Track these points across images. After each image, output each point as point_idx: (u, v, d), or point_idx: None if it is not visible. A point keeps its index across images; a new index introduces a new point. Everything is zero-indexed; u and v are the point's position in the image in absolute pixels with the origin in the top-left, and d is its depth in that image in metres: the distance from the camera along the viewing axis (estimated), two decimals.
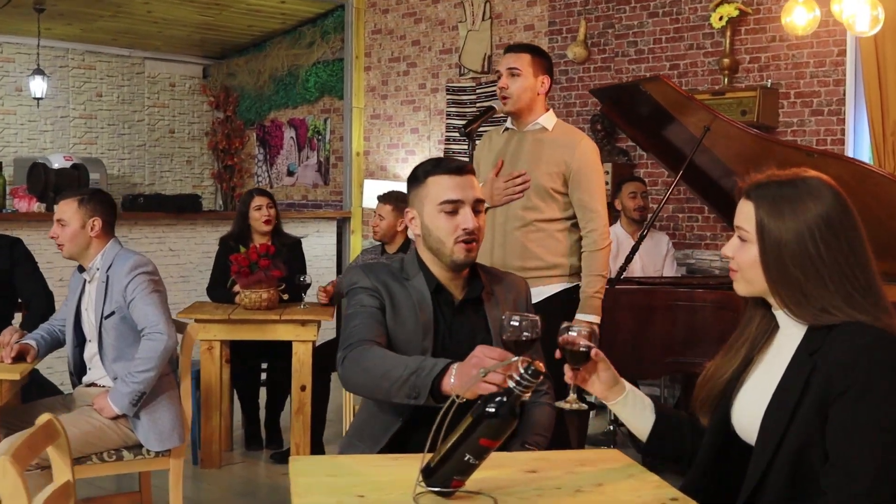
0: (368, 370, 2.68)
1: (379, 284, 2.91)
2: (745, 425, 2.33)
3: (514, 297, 3.06)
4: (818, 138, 6.68)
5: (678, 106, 5.17)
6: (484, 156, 4.66)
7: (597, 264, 4.28)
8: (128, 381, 3.97)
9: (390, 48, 9.46)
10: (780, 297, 2.25)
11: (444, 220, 2.86)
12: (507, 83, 4.37)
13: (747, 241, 2.29)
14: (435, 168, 2.91)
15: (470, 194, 2.87)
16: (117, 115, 10.68)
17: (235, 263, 5.85)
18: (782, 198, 2.25)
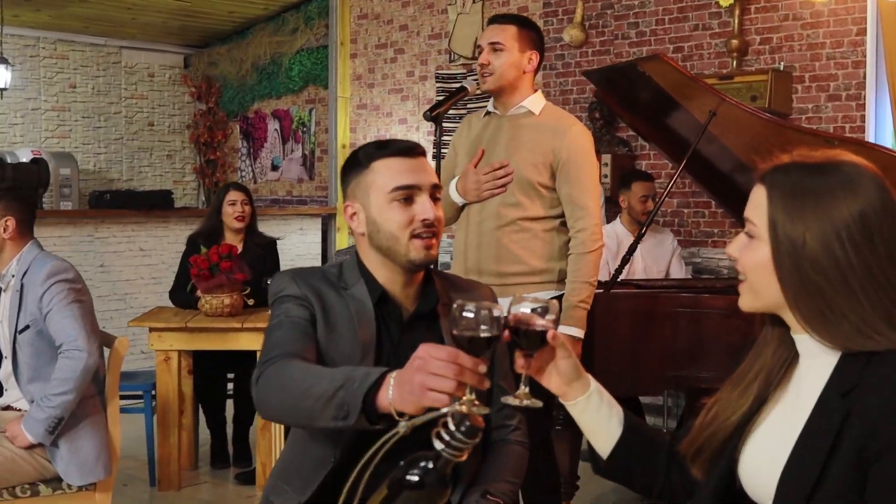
0: (286, 388, 2.13)
1: (310, 293, 2.39)
2: (757, 485, 1.80)
3: None
4: (835, 126, 6.15)
5: (680, 88, 4.62)
6: (462, 143, 4.13)
7: (584, 269, 3.75)
8: (43, 405, 3.45)
9: (377, 33, 8.94)
10: (800, 313, 1.72)
11: (396, 210, 2.34)
12: (489, 59, 3.84)
13: (756, 238, 1.77)
14: (381, 150, 2.39)
15: (426, 178, 2.36)
16: (92, 107, 10.15)
17: (195, 266, 5.36)
18: (806, 189, 1.72)
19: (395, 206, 2.33)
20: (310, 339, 2.30)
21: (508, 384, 2.53)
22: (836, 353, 1.71)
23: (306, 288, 2.39)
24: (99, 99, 10.23)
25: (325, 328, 2.34)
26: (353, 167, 2.42)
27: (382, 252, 2.37)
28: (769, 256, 1.73)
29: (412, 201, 2.34)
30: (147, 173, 10.54)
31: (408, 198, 2.33)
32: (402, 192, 2.33)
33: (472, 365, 1.74)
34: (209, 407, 5.87)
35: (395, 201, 2.33)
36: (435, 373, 1.74)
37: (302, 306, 2.36)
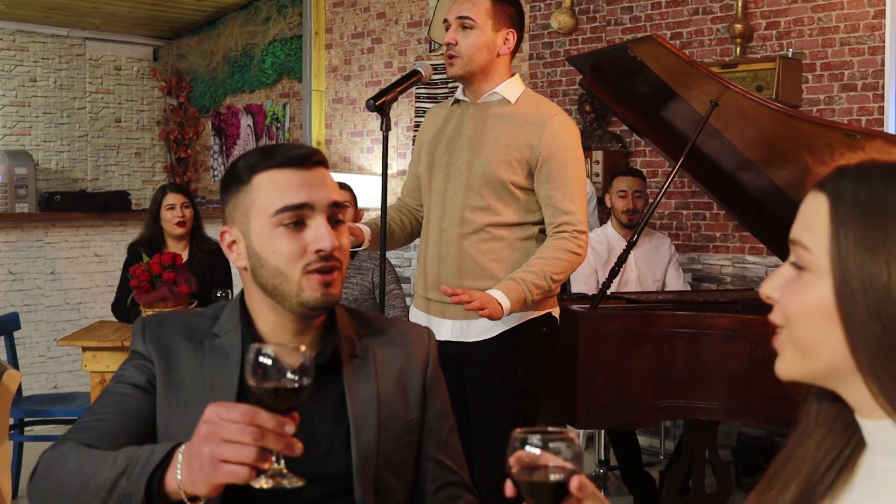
0: (61, 484, 1.60)
1: (155, 349, 1.84)
2: None
3: (403, 365, 1.95)
4: (850, 118, 5.58)
5: (677, 74, 4.05)
6: (424, 139, 3.56)
7: (556, 264, 3.17)
8: None
9: (353, 22, 8.34)
10: (880, 385, 1.16)
11: (283, 239, 1.77)
12: (456, 37, 3.27)
13: (809, 272, 1.20)
14: (264, 160, 1.81)
15: (322, 195, 1.78)
16: (54, 102, 9.55)
17: (134, 277, 4.80)
18: (888, 208, 1.16)
19: (281, 234, 1.77)
20: (130, 421, 1.75)
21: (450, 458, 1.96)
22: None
23: (153, 342, 1.84)
24: (61, 94, 9.64)
25: (166, 396, 1.80)
26: (230, 182, 1.84)
27: (268, 292, 1.80)
28: (831, 299, 1.16)
29: (304, 226, 1.77)
30: (114, 172, 9.95)
31: (298, 221, 1.77)
32: (290, 213, 1.76)
33: (275, 425, 1.40)
34: None
35: (282, 226, 1.76)
36: (228, 439, 1.38)
37: (140, 369, 1.82)
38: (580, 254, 3.19)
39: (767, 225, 4.78)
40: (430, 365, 1.98)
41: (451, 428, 2.00)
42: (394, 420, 1.87)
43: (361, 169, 8.16)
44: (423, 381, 1.95)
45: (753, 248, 5.93)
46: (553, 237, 3.20)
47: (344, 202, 1.83)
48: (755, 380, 3.69)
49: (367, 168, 8.13)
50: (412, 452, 1.91)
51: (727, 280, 6.03)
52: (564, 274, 3.21)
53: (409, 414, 1.91)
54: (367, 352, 1.90)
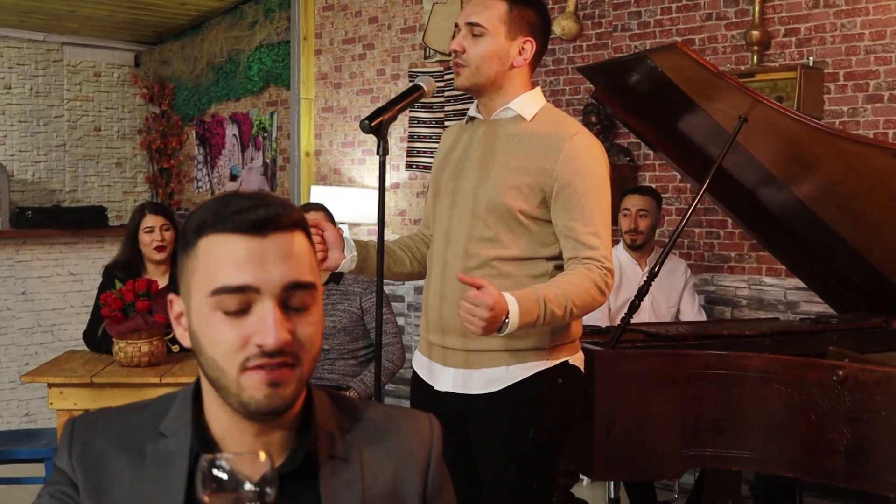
0: None
1: (82, 467, 1.48)
2: None
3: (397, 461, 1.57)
4: (876, 131, 5.27)
5: (703, 87, 3.69)
6: (437, 164, 3.16)
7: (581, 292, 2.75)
8: None
9: (344, 27, 7.99)
10: None
11: (220, 325, 1.39)
12: (464, 44, 2.89)
13: None
14: (214, 218, 1.43)
15: (276, 275, 1.40)
16: (30, 110, 9.15)
17: (106, 305, 4.43)
18: None
19: (219, 319, 1.40)
20: None
21: None
22: None
23: (79, 457, 1.49)
24: (38, 101, 9.25)
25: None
26: (180, 240, 1.46)
27: (212, 384, 1.42)
28: None
29: (248, 312, 1.38)
30: (93, 183, 9.56)
31: (242, 308, 1.38)
32: (230, 297, 1.38)
33: None
34: None
35: (219, 311, 1.38)
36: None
37: (57, 499, 1.45)
38: (605, 294, 2.80)
39: (788, 244, 4.46)
40: (431, 467, 1.60)
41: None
42: None
43: (352, 181, 7.80)
44: (424, 488, 1.57)
45: (771, 269, 5.59)
46: (580, 264, 2.81)
47: (309, 282, 1.43)
48: (792, 427, 3.33)
49: (357, 180, 7.77)
50: None
51: (742, 303, 5.68)
52: (584, 311, 2.82)
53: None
54: (352, 451, 1.52)
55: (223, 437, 1.45)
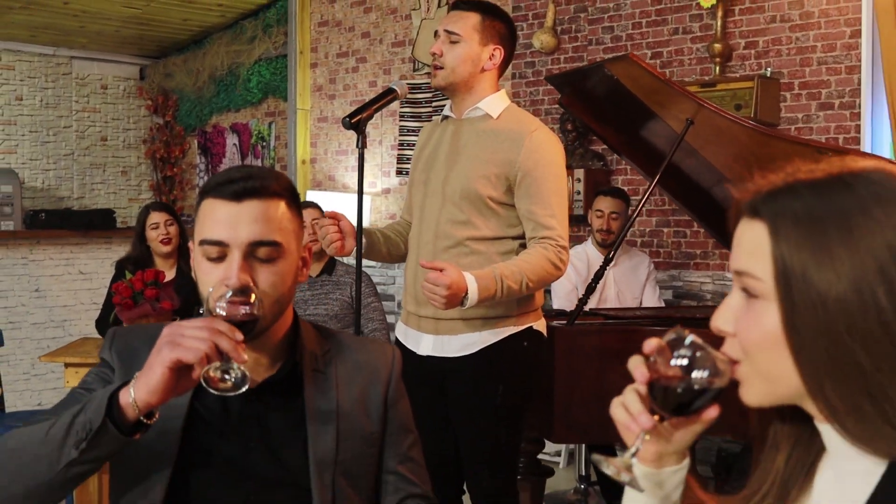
0: (15, 452, 1.68)
1: (118, 356, 1.92)
2: None
3: (365, 379, 1.99)
4: (828, 136, 5.64)
5: (654, 93, 4.11)
6: (415, 157, 3.60)
7: (535, 268, 3.18)
8: None
9: (338, 42, 8.40)
10: (826, 403, 1.18)
11: (204, 267, 1.83)
12: (442, 49, 3.32)
13: (759, 299, 1.21)
14: (211, 184, 1.86)
15: (243, 234, 1.80)
16: (41, 120, 9.57)
17: (117, 293, 4.83)
18: (828, 215, 1.17)
19: (203, 264, 1.82)
20: None
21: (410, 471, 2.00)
22: (885, 461, 1.17)
23: (117, 349, 1.92)
24: (48, 112, 9.67)
25: None
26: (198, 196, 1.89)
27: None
28: (780, 326, 1.18)
29: (223, 260, 1.80)
30: (100, 191, 9.97)
31: (218, 256, 1.80)
32: (209, 247, 1.80)
33: (227, 329, 1.61)
34: None
35: (205, 258, 1.81)
36: (187, 336, 1.60)
37: (100, 376, 1.89)
38: (560, 269, 3.22)
39: None
40: (392, 381, 2.02)
41: (412, 442, 2.04)
42: (353, 432, 1.91)
43: (346, 187, 8.20)
44: (385, 396, 1.99)
45: None
46: (537, 244, 3.23)
47: (273, 241, 1.81)
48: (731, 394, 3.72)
49: (351, 186, 8.17)
50: (372, 464, 1.95)
51: (707, 297, 6.08)
52: (540, 284, 3.23)
53: (369, 426, 1.95)
54: (330, 366, 1.95)
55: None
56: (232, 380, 1.61)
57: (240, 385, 1.61)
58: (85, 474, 1.68)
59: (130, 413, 1.61)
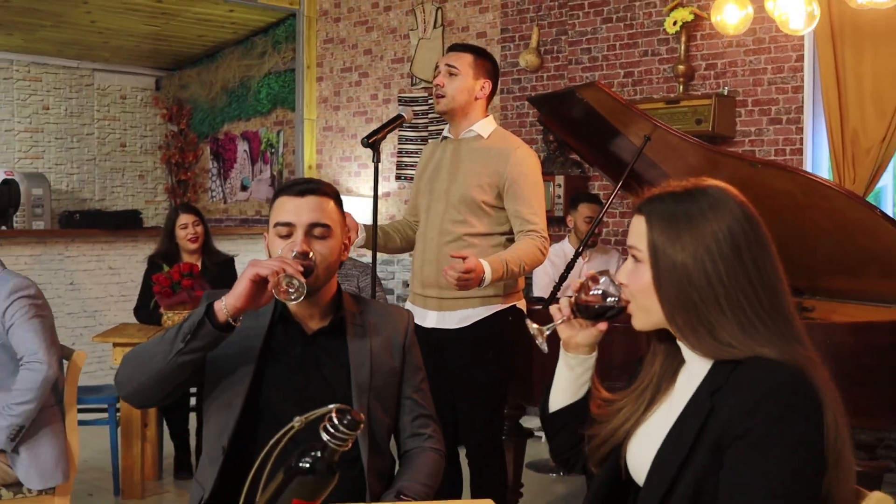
0: (139, 353, 2.48)
1: None
2: (638, 466, 2.03)
3: (388, 330, 2.77)
4: (777, 147, 6.41)
5: (616, 114, 4.86)
6: (419, 169, 4.39)
7: (528, 254, 3.96)
8: (5, 414, 3.64)
9: (342, 58, 9.18)
10: (677, 327, 1.93)
11: (277, 244, 2.58)
12: (444, 81, 4.10)
13: (641, 263, 1.98)
14: (282, 188, 2.65)
15: (305, 217, 2.57)
16: (65, 128, 10.35)
17: (157, 283, 5.61)
18: (679, 213, 1.94)
19: (276, 240, 2.58)
20: None
21: (421, 398, 2.77)
22: (710, 361, 1.94)
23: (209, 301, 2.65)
24: (72, 120, 10.42)
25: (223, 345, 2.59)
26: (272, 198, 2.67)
27: None
28: (651, 279, 1.95)
29: (291, 237, 2.55)
30: (119, 193, 10.73)
31: (287, 234, 2.56)
32: (281, 227, 2.56)
33: (292, 262, 2.35)
34: (173, 420, 6.10)
35: (278, 236, 2.57)
36: (264, 263, 2.34)
37: None
38: (544, 254, 4.01)
39: None
40: (408, 333, 2.80)
41: (422, 378, 2.81)
42: (381, 367, 2.68)
43: (350, 191, 8.95)
44: (403, 344, 2.77)
45: None
46: (525, 236, 4.01)
47: (324, 223, 2.57)
48: None
49: (354, 190, 8.93)
50: (394, 391, 2.72)
51: None
52: (531, 266, 4.00)
53: (392, 364, 2.73)
54: (365, 321, 2.73)
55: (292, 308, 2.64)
56: (294, 291, 2.30)
57: (298, 296, 2.30)
58: (188, 364, 2.41)
59: (221, 315, 2.33)
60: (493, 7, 7.96)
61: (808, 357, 1.89)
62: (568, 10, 7.43)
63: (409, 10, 8.58)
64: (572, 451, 2.28)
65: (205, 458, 2.60)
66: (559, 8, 7.51)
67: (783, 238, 4.86)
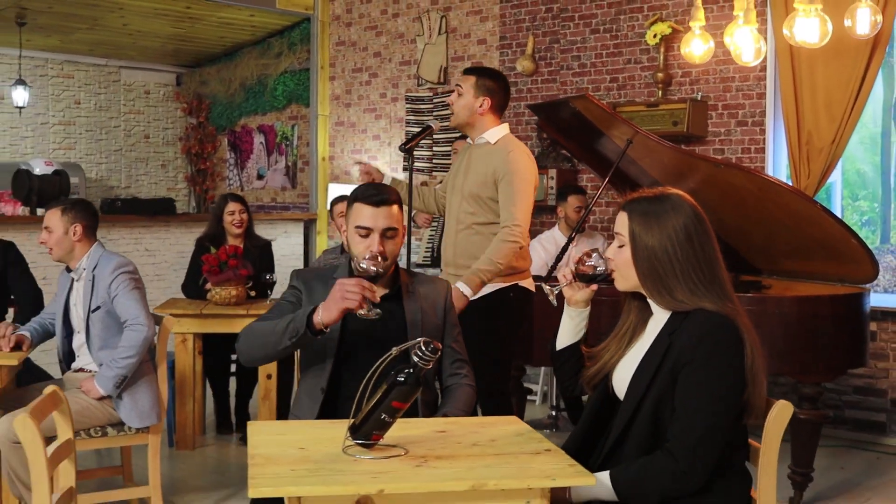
0: (256, 332, 3.38)
1: (301, 284, 3.56)
2: (620, 385, 2.91)
3: (433, 296, 3.63)
4: (743, 146, 7.27)
5: (603, 121, 5.73)
6: (451, 168, 5.18)
7: (494, 251, 4.68)
8: (112, 366, 4.51)
9: (353, 59, 9.98)
10: (647, 289, 2.83)
11: (357, 241, 3.43)
12: (453, 100, 4.88)
13: (623, 245, 2.88)
14: (360, 195, 3.47)
15: (381, 223, 3.41)
16: (95, 121, 11.18)
17: (207, 263, 6.39)
18: (651, 211, 2.84)
19: (356, 237, 3.43)
20: (284, 313, 3.42)
21: (458, 347, 3.65)
22: (668, 312, 2.85)
23: (300, 281, 3.57)
24: (100, 114, 11.25)
25: (307, 302, 3.47)
26: (349, 199, 3.53)
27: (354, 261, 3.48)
28: (630, 256, 2.85)
29: (368, 237, 3.42)
30: (143, 181, 11.55)
31: (366, 235, 3.42)
32: (362, 229, 3.42)
33: (368, 286, 3.13)
34: (216, 383, 6.93)
35: (357, 234, 3.43)
36: (348, 289, 3.11)
37: (292, 292, 3.57)
38: (515, 241, 4.70)
39: None
40: (447, 298, 3.68)
41: (458, 332, 3.69)
42: (428, 323, 3.55)
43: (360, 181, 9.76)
44: (444, 306, 3.65)
45: None
46: (502, 230, 4.74)
47: (394, 227, 3.43)
48: None
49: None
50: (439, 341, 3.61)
51: None
52: (507, 257, 4.72)
53: (437, 321, 3.60)
54: (416, 290, 3.60)
55: None
56: (370, 310, 3.09)
57: (372, 311, 3.11)
58: (290, 350, 3.31)
59: (317, 325, 3.17)
60: (493, 17, 8.82)
61: (734, 309, 2.80)
62: (560, 21, 8.29)
63: (415, 18, 9.41)
64: (571, 380, 3.19)
65: (304, 399, 3.47)
66: (552, 19, 8.37)
67: (745, 227, 5.80)
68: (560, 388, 3.30)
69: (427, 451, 2.68)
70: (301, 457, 2.61)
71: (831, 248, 5.52)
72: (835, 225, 5.36)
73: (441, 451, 2.68)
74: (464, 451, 2.70)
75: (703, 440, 2.66)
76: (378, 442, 2.67)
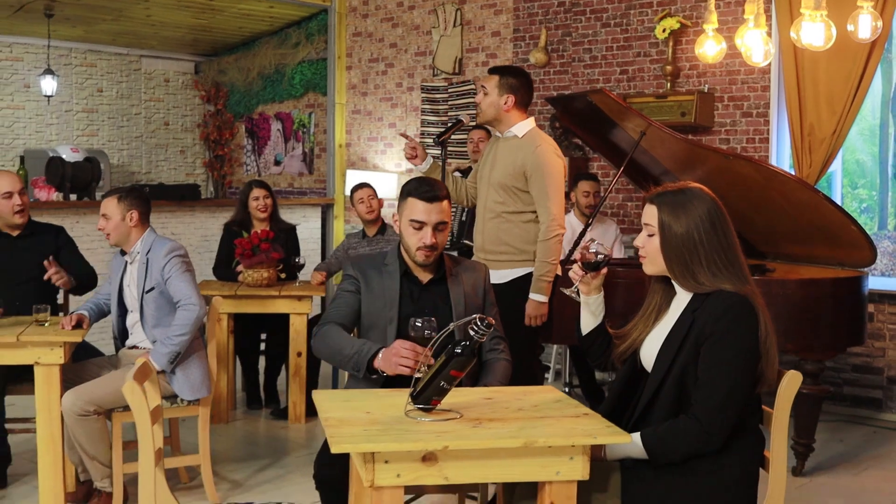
0: (328, 346, 3.73)
1: (357, 272, 3.89)
2: (648, 358, 3.25)
3: (473, 279, 3.98)
4: (748, 137, 7.58)
5: (618, 113, 6.04)
6: (481, 160, 5.48)
7: (543, 252, 5.07)
8: (166, 343, 4.84)
9: (370, 49, 10.26)
10: (674, 273, 3.17)
11: (411, 232, 3.77)
12: (480, 99, 5.19)
13: (653, 235, 3.21)
14: (414, 190, 3.80)
15: (434, 218, 3.75)
16: (116, 108, 11.49)
17: (240, 247, 6.70)
18: (677, 203, 3.17)
19: (410, 230, 3.77)
20: (350, 308, 3.83)
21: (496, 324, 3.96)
22: (691, 293, 3.19)
23: (356, 269, 3.90)
24: (122, 102, 11.56)
25: (366, 290, 3.83)
26: (402, 193, 3.86)
27: (405, 248, 3.83)
28: (659, 245, 3.19)
29: (421, 230, 3.75)
30: (163, 167, 11.86)
31: (419, 227, 3.75)
32: (415, 223, 3.76)
33: (421, 351, 3.26)
34: (246, 360, 7.28)
35: (411, 227, 3.76)
36: (401, 355, 3.36)
37: (350, 282, 3.89)
38: (556, 234, 5.09)
39: None
40: (486, 280, 4.03)
41: (495, 311, 4.04)
42: (470, 304, 3.91)
43: (376, 167, 10.10)
44: (484, 287, 4.01)
45: None
46: (543, 227, 5.09)
47: (444, 221, 3.78)
48: None
49: (380, 166, 10.10)
50: None
51: None
52: (555, 252, 5.10)
53: (477, 301, 3.96)
54: (458, 274, 3.95)
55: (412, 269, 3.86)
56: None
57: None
58: None
59: (377, 367, 3.50)
60: (507, 10, 9.13)
61: (751, 290, 3.14)
62: (572, 14, 8.60)
63: (431, 10, 9.71)
64: (602, 356, 3.53)
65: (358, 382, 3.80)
66: (564, 13, 8.67)
67: (751, 214, 6.15)
68: (593, 364, 3.66)
69: (479, 414, 3.03)
70: (369, 419, 2.94)
71: (832, 233, 5.83)
72: (835, 212, 5.66)
73: (492, 414, 3.03)
74: (511, 414, 3.05)
75: (723, 405, 3.00)
76: (436, 407, 3.01)
